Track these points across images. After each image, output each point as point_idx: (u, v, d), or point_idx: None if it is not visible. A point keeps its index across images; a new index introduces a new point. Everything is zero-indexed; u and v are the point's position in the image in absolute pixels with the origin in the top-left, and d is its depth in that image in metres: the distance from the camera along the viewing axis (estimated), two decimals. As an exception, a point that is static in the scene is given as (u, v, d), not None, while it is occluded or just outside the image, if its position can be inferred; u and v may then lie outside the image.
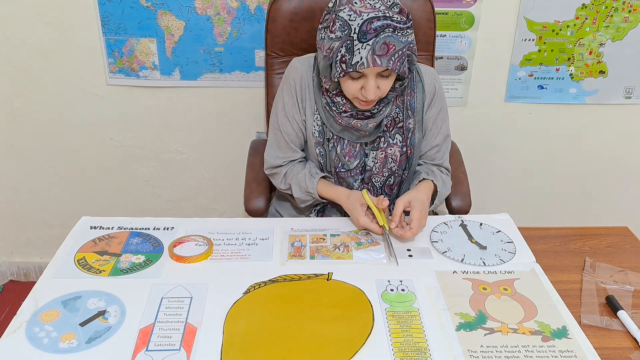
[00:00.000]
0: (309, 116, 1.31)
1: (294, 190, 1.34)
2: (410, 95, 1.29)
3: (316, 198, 1.33)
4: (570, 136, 1.94)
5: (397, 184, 1.37)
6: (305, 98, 1.31)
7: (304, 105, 1.32)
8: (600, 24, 1.74)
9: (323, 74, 1.22)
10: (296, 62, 1.32)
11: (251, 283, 1.05)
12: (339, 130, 1.30)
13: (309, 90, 1.30)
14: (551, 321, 0.97)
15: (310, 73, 1.31)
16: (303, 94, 1.31)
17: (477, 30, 1.76)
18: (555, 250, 1.21)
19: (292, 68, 1.32)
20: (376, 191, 1.36)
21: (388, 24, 1.11)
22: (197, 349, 0.90)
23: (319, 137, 1.32)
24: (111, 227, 1.21)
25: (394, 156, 1.32)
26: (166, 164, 1.97)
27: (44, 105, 1.85)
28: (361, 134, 1.29)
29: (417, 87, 1.30)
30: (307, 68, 1.31)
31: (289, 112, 1.32)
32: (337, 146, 1.31)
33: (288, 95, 1.32)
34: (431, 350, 0.90)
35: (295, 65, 1.32)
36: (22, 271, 2.17)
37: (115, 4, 1.69)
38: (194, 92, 1.84)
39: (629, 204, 2.06)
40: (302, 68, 1.31)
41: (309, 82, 1.30)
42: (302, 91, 1.31)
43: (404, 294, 1.03)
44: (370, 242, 1.18)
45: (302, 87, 1.30)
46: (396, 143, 1.31)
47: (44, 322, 0.94)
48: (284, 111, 1.33)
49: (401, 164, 1.34)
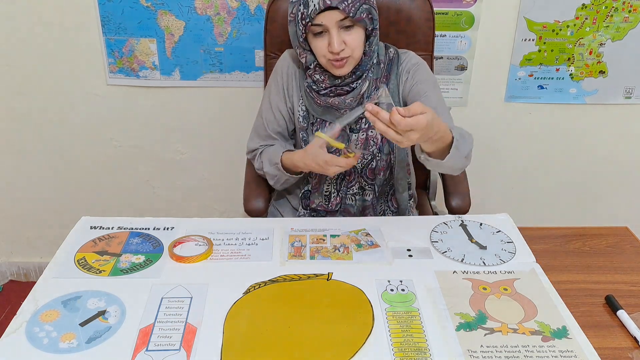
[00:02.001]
0: (296, 103, 1.34)
1: (264, 166, 1.36)
2: (386, 77, 1.31)
3: (281, 170, 1.31)
4: (570, 136, 1.94)
5: (382, 169, 1.36)
6: (292, 86, 1.35)
7: (291, 93, 1.35)
8: (600, 24, 1.74)
9: (295, 45, 1.26)
10: (286, 52, 1.39)
11: (251, 283, 1.05)
12: (321, 113, 1.31)
13: (296, 77, 1.35)
14: (551, 321, 0.97)
15: (297, 61, 1.35)
16: (289, 81, 1.35)
17: (477, 30, 1.76)
18: (555, 250, 1.21)
19: (282, 58, 1.38)
20: (357, 174, 1.36)
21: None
22: (197, 349, 0.90)
23: (303, 123, 1.34)
24: (111, 227, 1.21)
25: (375, 138, 1.32)
26: (166, 164, 1.97)
27: (44, 105, 1.86)
28: (342, 113, 1.30)
29: (393, 70, 1.32)
30: (295, 58, 1.35)
31: (273, 101, 1.37)
32: (319, 130, 1.31)
33: (274, 84, 1.37)
34: (431, 350, 0.90)
35: (285, 55, 1.38)
36: (22, 271, 2.17)
37: (115, 4, 1.69)
38: (194, 92, 1.84)
39: (629, 204, 2.06)
40: (290, 57, 1.36)
41: (296, 69, 1.35)
42: (288, 79, 1.35)
43: (404, 294, 1.03)
44: (370, 243, 1.18)
45: (288, 75, 1.35)
46: None
47: (44, 322, 0.94)
48: (268, 99, 1.38)
49: (383, 147, 1.34)
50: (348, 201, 1.38)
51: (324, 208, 1.38)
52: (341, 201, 1.37)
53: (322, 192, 1.38)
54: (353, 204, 1.38)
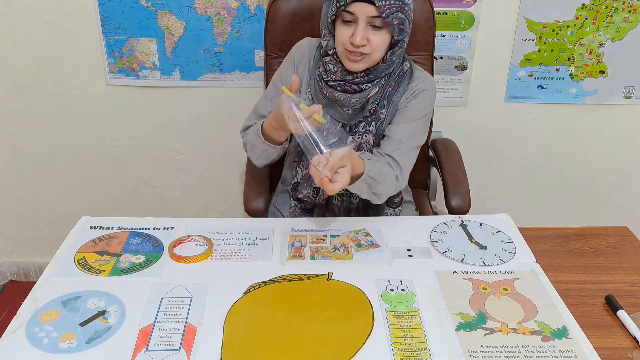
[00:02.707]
0: (304, 90, 1.34)
1: (250, 136, 1.33)
2: (393, 87, 1.30)
3: (260, 135, 1.28)
4: (570, 136, 1.94)
5: None
6: (303, 72, 1.35)
7: (301, 79, 1.34)
8: (600, 24, 1.74)
9: (323, 25, 1.25)
10: (305, 40, 1.39)
11: (251, 283, 1.05)
12: (324, 104, 1.29)
13: (308, 64, 1.35)
14: (551, 321, 0.97)
15: (313, 50, 1.35)
16: (302, 68, 1.35)
17: (477, 30, 1.76)
18: (555, 250, 1.21)
19: (298, 44, 1.38)
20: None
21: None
22: (197, 349, 0.90)
23: None
24: (111, 227, 1.22)
25: (368, 144, 1.32)
26: (166, 164, 1.97)
27: (44, 105, 1.85)
28: (345, 111, 1.29)
29: (403, 82, 1.31)
30: (312, 47, 1.36)
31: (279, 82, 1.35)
32: None
33: (285, 68, 1.37)
34: (431, 350, 0.90)
35: (303, 42, 1.38)
36: (22, 271, 2.17)
37: (115, 4, 1.69)
38: (194, 92, 1.84)
39: (629, 204, 2.06)
40: (309, 45, 1.37)
41: (311, 56, 1.35)
42: (300, 65, 1.35)
43: (404, 294, 1.03)
44: (370, 243, 1.18)
45: (302, 61, 1.35)
46: (372, 131, 1.32)
47: (44, 322, 0.94)
48: (273, 82, 1.38)
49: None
50: (334, 201, 1.38)
51: (310, 200, 1.37)
52: (328, 198, 1.37)
53: (310, 184, 1.37)
54: (339, 204, 1.38)
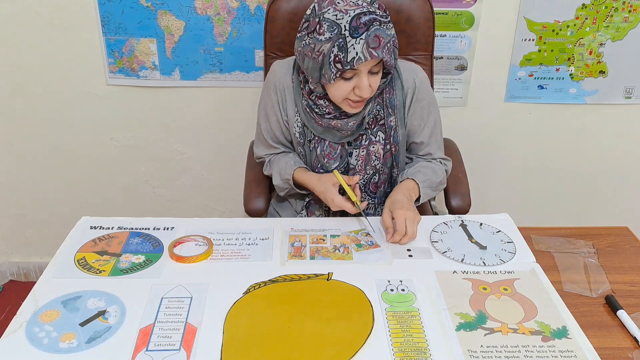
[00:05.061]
0: (291, 117, 1.33)
1: (274, 177, 1.37)
2: (390, 92, 1.30)
3: (291, 185, 1.34)
4: (570, 136, 1.94)
5: (384, 182, 1.37)
6: (285, 99, 1.33)
7: (285, 107, 1.33)
8: (600, 24, 1.74)
9: (311, 77, 1.20)
10: (275, 66, 1.35)
11: (251, 283, 1.05)
12: (321, 132, 1.31)
13: (289, 92, 1.32)
14: (551, 321, 0.97)
15: (290, 76, 1.32)
16: (283, 96, 1.33)
17: (477, 30, 1.76)
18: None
19: (271, 71, 1.35)
20: (360, 189, 1.35)
21: (374, 18, 1.12)
22: (197, 349, 0.90)
23: (300, 138, 1.34)
24: (111, 227, 1.22)
25: (377, 153, 1.32)
26: (166, 164, 1.97)
27: (44, 105, 1.85)
28: (343, 134, 1.30)
29: (396, 84, 1.30)
30: (286, 71, 1.32)
31: (269, 112, 1.36)
32: (318, 147, 1.32)
33: (267, 97, 1.35)
34: (431, 350, 0.90)
35: (275, 68, 1.34)
36: (22, 271, 2.17)
37: (115, 4, 1.69)
38: (194, 92, 1.84)
39: (629, 204, 2.06)
40: (281, 71, 1.33)
41: (289, 84, 1.32)
42: (282, 93, 1.33)
43: (404, 294, 1.03)
44: (370, 244, 1.18)
45: (282, 90, 1.32)
46: (379, 140, 1.32)
47: (44, 322, 0.94)
48: (264, 111, 1.37)
49: (386, 162, 1.34)
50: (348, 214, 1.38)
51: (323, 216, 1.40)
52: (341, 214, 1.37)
53: (322, 205, 1.39)
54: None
